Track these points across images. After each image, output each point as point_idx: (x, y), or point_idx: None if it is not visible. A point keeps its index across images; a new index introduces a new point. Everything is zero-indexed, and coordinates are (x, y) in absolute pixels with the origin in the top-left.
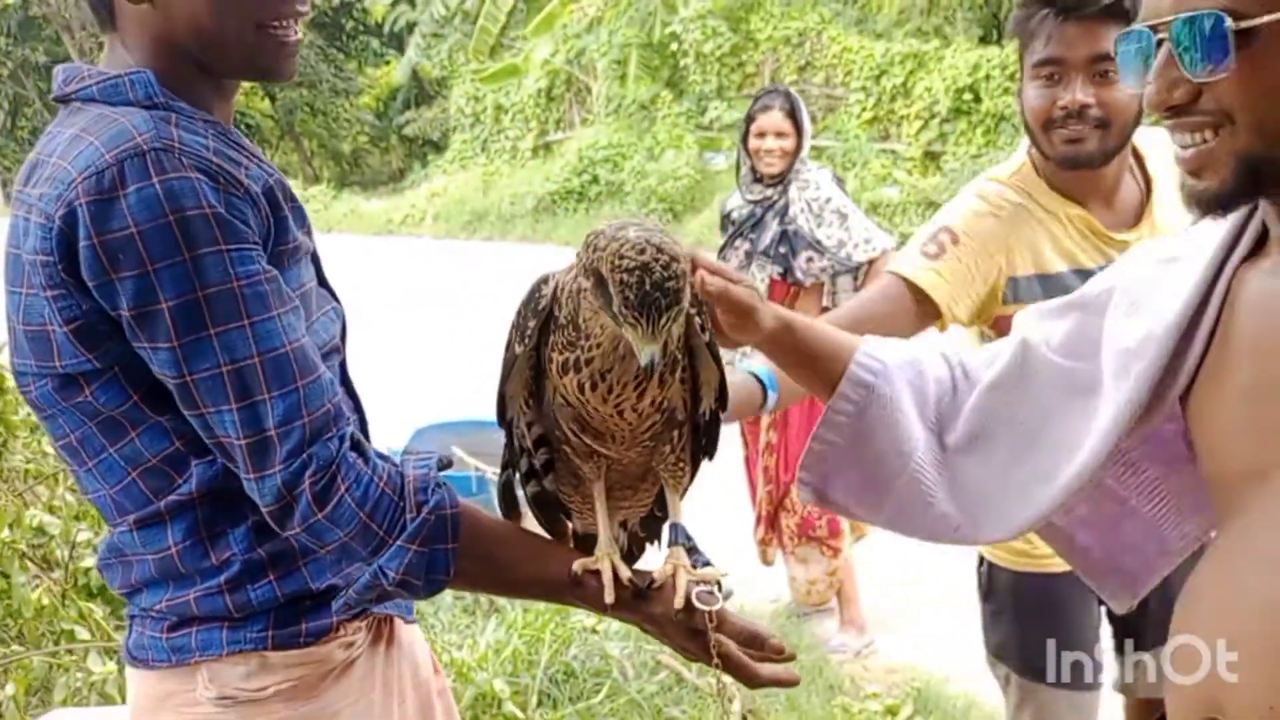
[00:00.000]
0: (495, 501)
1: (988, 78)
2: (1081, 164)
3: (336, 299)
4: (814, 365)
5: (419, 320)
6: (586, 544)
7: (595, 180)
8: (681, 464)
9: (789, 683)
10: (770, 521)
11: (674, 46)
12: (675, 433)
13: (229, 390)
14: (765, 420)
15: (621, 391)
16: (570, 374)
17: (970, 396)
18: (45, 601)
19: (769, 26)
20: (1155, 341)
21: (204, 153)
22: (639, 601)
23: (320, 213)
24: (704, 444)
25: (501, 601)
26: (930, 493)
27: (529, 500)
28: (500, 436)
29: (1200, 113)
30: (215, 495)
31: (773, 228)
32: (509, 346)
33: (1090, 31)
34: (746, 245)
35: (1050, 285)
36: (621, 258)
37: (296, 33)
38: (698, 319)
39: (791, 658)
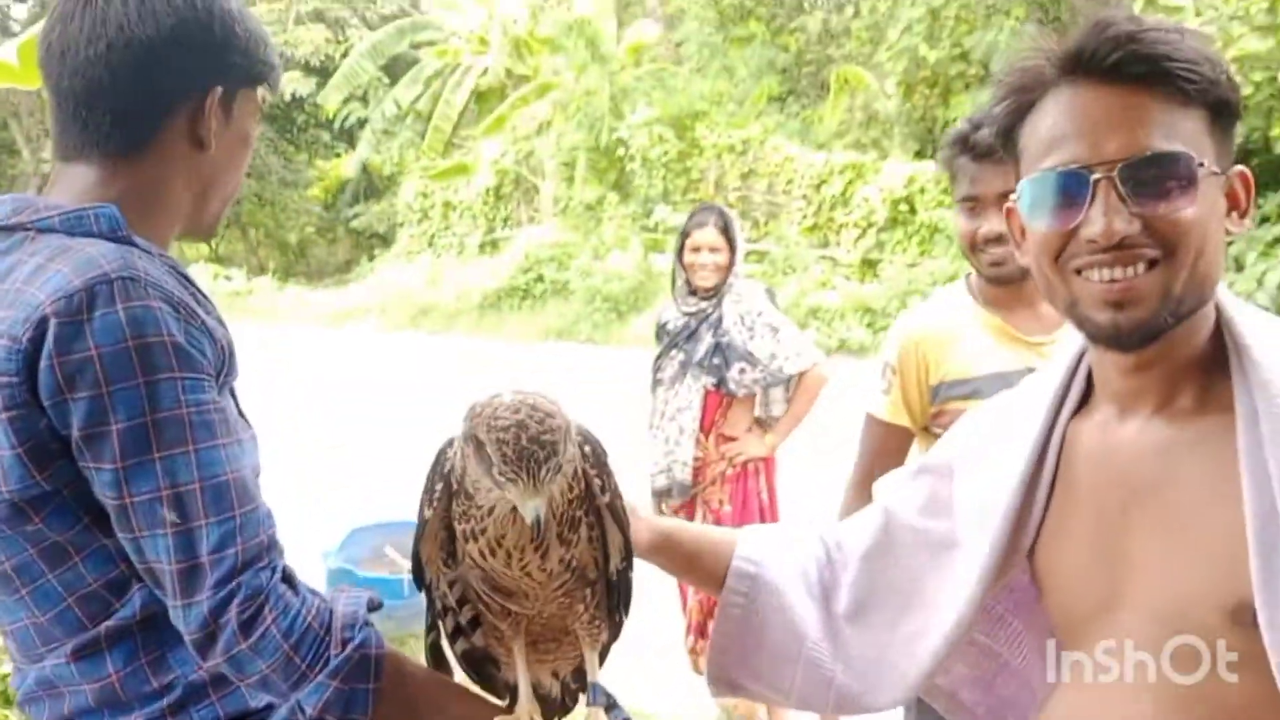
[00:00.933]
0: (425, 604)
1: (922, 190)
2: (1005, 281)
3: (250, 426)
4: (699, 566)
5: (361, 413)
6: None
7: (541, 279)
8: (597, 622)
9: None
10: (701, 630)
11: (621, 151)
12: (588, 591)
13: (166, 514)
14: None
15: (522, 556)
16: (471, 541)
17: (847, 569)
18: None
19: (714, 134)
20: (1002, 498)
21: (167, 284)
22: None
23: (265, 303)
24: (617, 602)
25: None
26: (829, 668)
27: (459, 658)
28: None
29: (1138, 248)
30: (156, 619)
31: (706, 340)
32: (420, 509)
33: (1002, 171)
34: (681, 356)
35: (968, 387)
36: (497, 418)
37: None
38: (598, 480)
39: None
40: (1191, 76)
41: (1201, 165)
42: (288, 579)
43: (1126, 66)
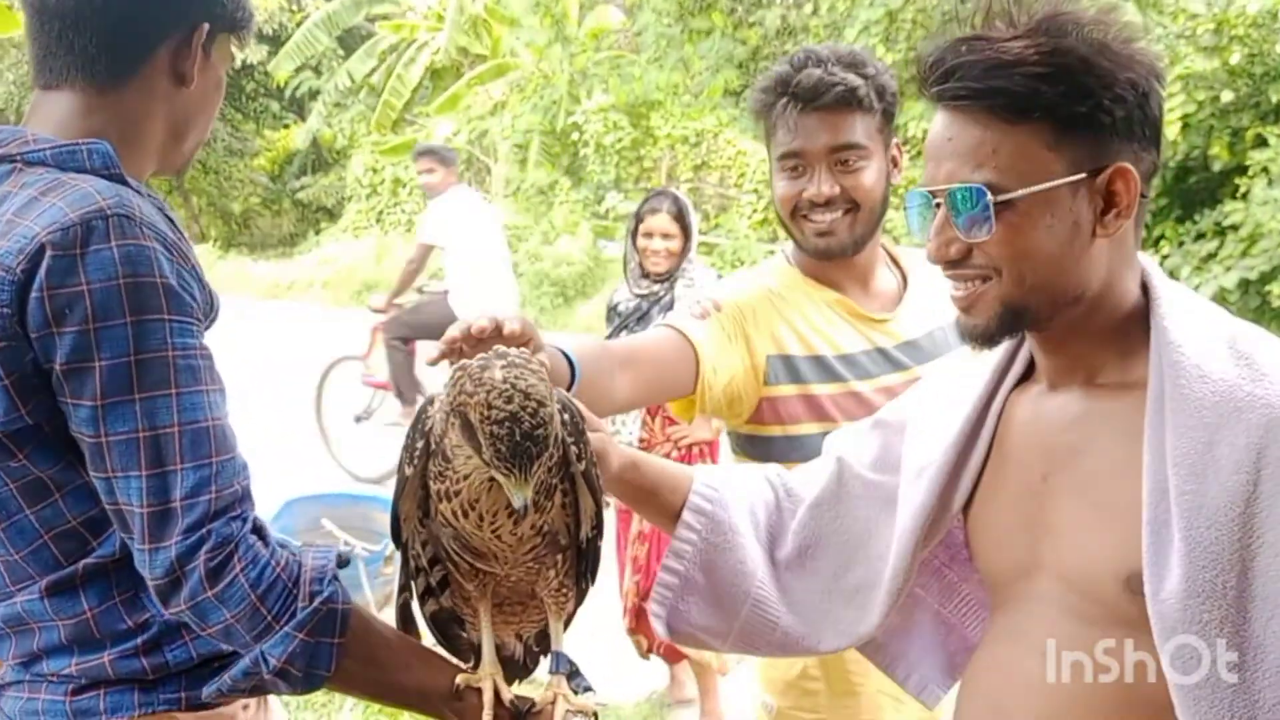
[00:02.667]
0: (362, 577)
1: None
2: (835, 254)
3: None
4: (657, 498)
5: (299, 387)
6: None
7: None
8: (565, 589)
9: None
10: (637, 612)
11: (575, 136)
12: (559, 557)
13: (142, 456)
14: None
15: (494, 520)
16: (444, 501)
17: (795, 515)
18: None
19: (668, 125)
20: (939, 457)
21: (160, 224)
22: None
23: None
24: (585, 569)
25: None
26: (774, 610)
27: (428, 620)
28: (370, 510)
29: (972, 266)
30: (131, 559)
31: (657, 322)
32: (400, 467)
33: (829, 122)
34: None
35: (812, 366)
36: (490, 408)
37: None
38: (574, 448)
39: None
40: (1014, 101)
41: (1009, 193)
42: (258, 530)
43: (949, 96)
